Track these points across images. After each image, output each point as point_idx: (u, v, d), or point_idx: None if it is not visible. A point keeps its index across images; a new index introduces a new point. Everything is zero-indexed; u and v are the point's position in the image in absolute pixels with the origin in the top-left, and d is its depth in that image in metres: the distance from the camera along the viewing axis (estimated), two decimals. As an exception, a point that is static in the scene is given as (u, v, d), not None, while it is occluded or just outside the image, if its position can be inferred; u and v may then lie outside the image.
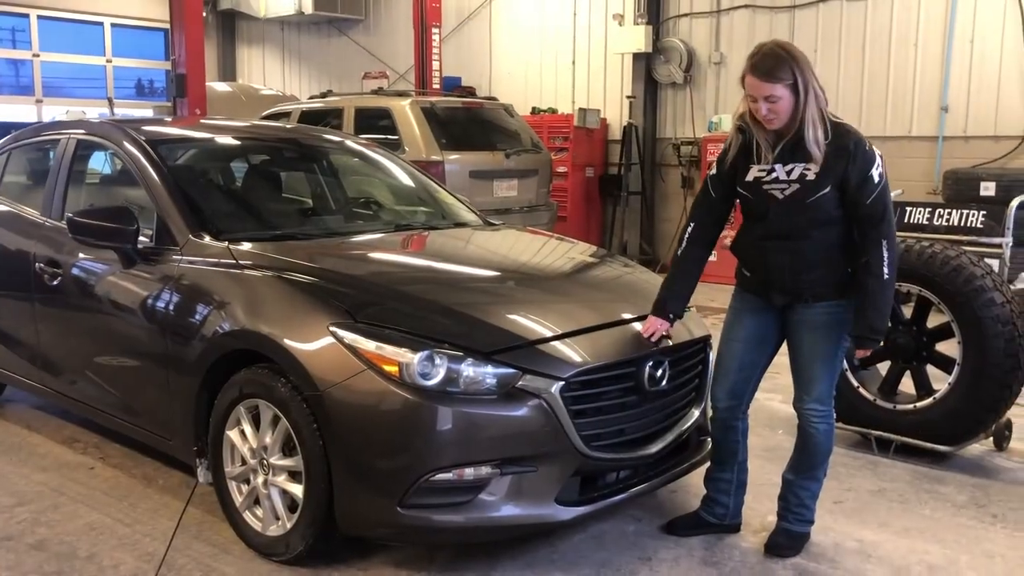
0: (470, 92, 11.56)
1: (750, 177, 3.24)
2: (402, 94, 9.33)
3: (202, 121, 5.17)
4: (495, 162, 8.87)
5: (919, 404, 4.43)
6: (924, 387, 4.50)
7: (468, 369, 3.00)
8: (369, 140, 7.70)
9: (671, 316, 3.37)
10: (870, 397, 4.57)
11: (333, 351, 3.05)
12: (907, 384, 4.61)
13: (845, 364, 4.61)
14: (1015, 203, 4.61)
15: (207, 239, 3.68)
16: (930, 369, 4.52)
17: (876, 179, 3.10)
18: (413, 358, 2.96)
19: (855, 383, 4.61)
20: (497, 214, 8.84)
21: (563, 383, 3.05)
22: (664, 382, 3.36)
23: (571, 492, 3.14)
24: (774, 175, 3.18)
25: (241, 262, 3.50)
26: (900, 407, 4.50)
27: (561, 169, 10.99)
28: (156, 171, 3.97)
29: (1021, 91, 8.55)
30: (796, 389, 3.36)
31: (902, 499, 3.99)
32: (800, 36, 9.85)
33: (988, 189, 7.91)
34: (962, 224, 4.52)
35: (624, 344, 3.32)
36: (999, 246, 4.46)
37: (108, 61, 15.42)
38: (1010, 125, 8.63)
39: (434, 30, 11.73)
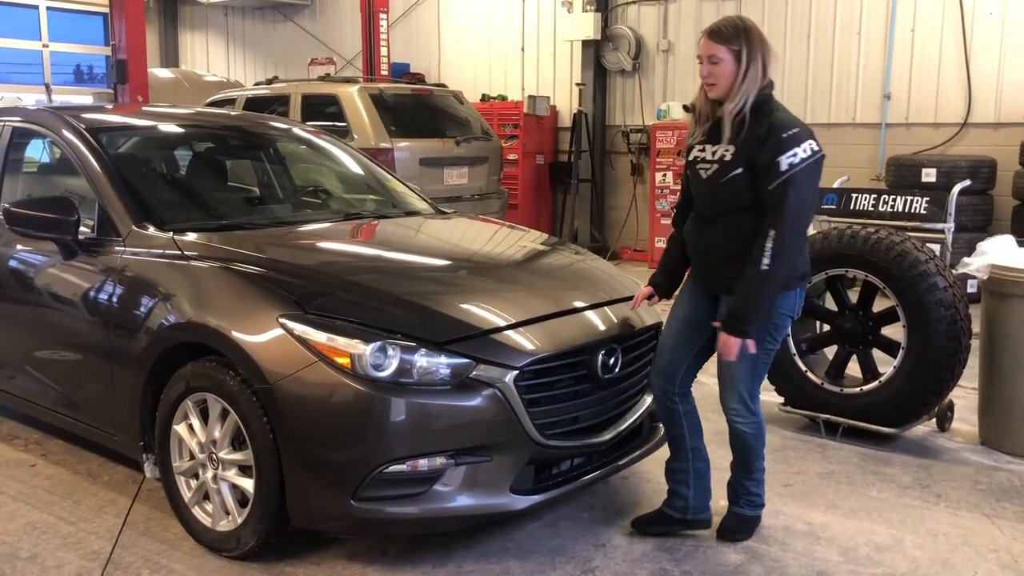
0: (419, 79, 11.47)
1: (691, 156, 3.28)
2: (350, 80, 9.22)
3: (144, 108, 5.04)
4: (445, 150, 8.82)
5: (865, 387, 4.51)
6: (870, 370, 4.58)
7: (421, 360, 2.97)
8: (317, 128, 7.60)
9: (655, 286, 3.49)
10: (818, 381, 4.65)
11: (283, 343, 3.00)
12: (854, 368, 4.70)
13: (793, 348, 4.71)
14: (956, 190, 4.71)
15: (151, 230, 3.60)
16: (876, 353, 4.60)
17: (783, 167, 2.98)
18: (365, 349, 2.92)
19: (803, 367, 4.68)
20: (448, 202, 8.82)
21: (517, 372, 3.04)
22: (617, 369, 3.37)
23: (526, 481, 3.14)
24: (703, 153, 3.21)
25: (187, 253, 3.43)
26: (847, 390, 4.58)
27: (511, 157, 10.96)
28: (97, 160, 3.86)
29: (960, 79, 8.74)
30: (719, 387, 3.34)
31: (850, 481, 4.06)
32: (747, 24, 9.93)
33: (929, 176, 8.07)
34: (906, 210, 4.60)
35: (577, 332, 3.32)
36: (942, 232, 4.54)
37: (44, 46, 14.96)
38: (950, 113, 8.82)
39: (382, 15, 11.60)
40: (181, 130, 4.59)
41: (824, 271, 4.59)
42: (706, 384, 3.95)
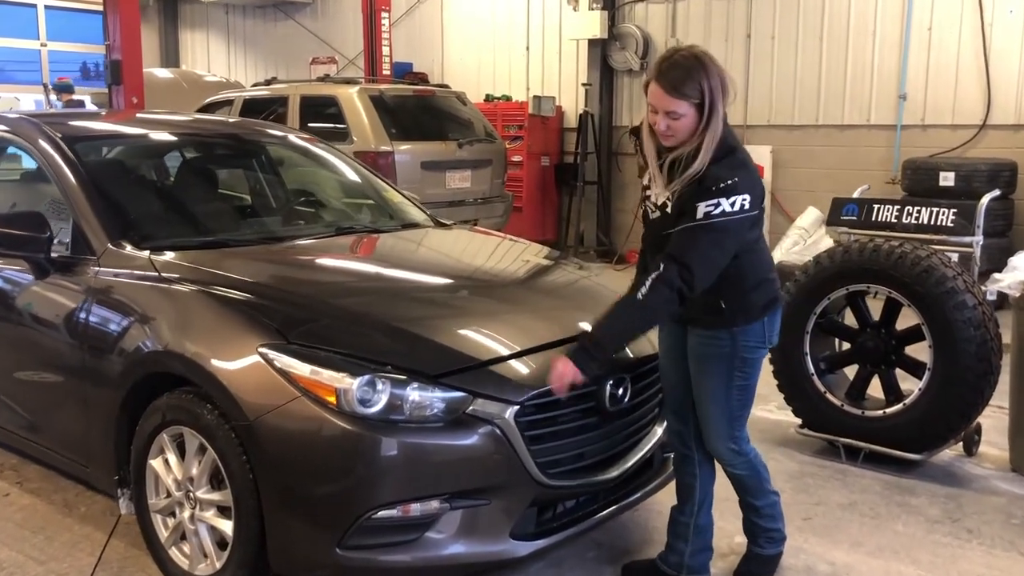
0: (422, 78, 11.24)
1: (644, 189, 2.99)
2: (350, 81, 8.99)
3: (129, 115, 4.80)
4: (447, 152, 8.57)
5: (888, 410, 4.26)
6: (893, 392, 4.33)
7: (413, 394, 2.72)
8: (311, 135, 7.37)
9: None
10: (837, 402, 4.40)
11: (263, 375, 2.76)
12: (876, 389, 4.44)
13: (811, 367, 4.45)
14: (985, 200, 4.45)
15: (128, 248, 3.36)
16: (899, 373, 4.35)
17: (700, 215, 2.67)
18: (352, 383, 2.68)
19: (821, 388, 4.43)
20: (450, 206, 8.61)
21: (517, 407, 2.79)
22: (626, 400, 3.12)
23: (527, 524, 2.89)
24: (649, 191, 2.94)
25: (164, 274, 3.19)
26: (869, 413, 4.33)
27: (516, 158, 10.73)
28: (73, 172, 3.63)
29: (979, 79, 8.46)
30: (702, 432, 3.07)
31: (873, 513, 3.81)
32: (757, 23, 9.69)
33: (947, 179, 7.80)
34: (932, 222, 4.34)
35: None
36: (969, 245, 4.28)
37: (43, 45, 14.76)
38: (968, 114, 8.54)
39: (383, 14, 11.37)
40: (165, 139, 4.35)
41: (845, 286, 4.34)
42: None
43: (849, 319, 4.54)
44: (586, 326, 3.11)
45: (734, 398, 2.97)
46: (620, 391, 3.08)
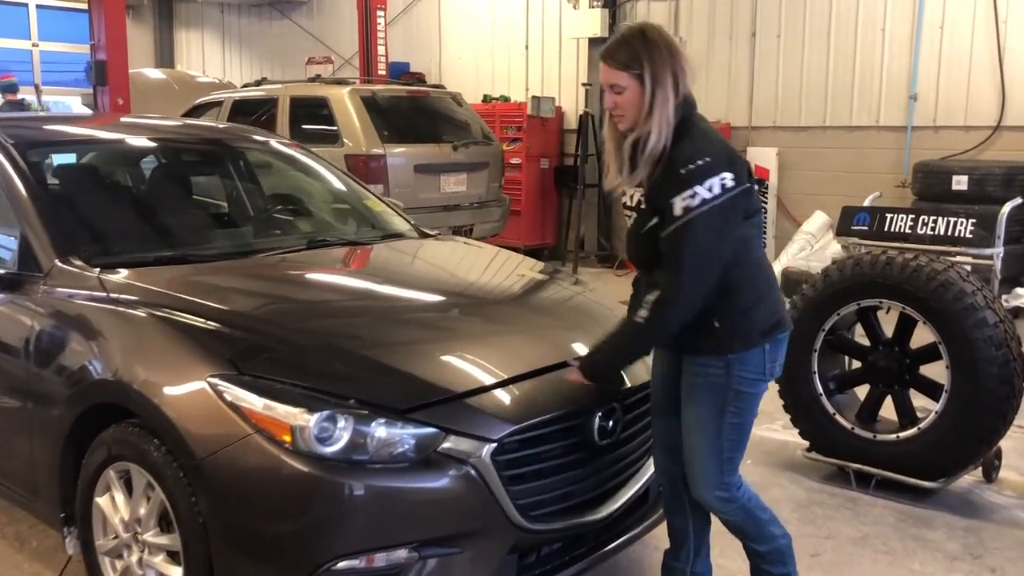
0: (419, 79, 10.97)
1: (609, 182, 2.77)
2: (341, 82, 8.72)
3: (94, 120, 4.53)
4: (442, 155, 8.30)
5: (902, 434, 3.98)
6: (907, 415, 4.05)
7: (379, 431, 2.45)
8: (297, 138, 7.10)
9: None
10: (847, 425, 4.12)
11: (213, 410, 2.49)
12: (888, 410, 4.16)
13: (819, 387, 4.18)
14: (1006, 209, 4.17)
15: (77, 265, 3.09)
16: (913, 395, 4.08)
17: (676, 210, 2.44)
18: (309, 420, 2.41)
19: (830, 409, 4.15)
20: (445, 211, 8.34)
21: (495, 445, 2.52)
22: (618, 433, 2.84)
23: (507, 572, 2.62)
24: (624, 197, 2.69)
25: (113, 295, 2.92)
26: (881, 437, 4.05)
27: (515, 161, 10.45)
28: (22, 181, 3.35)
29: (993, 79, 8.16)
30: (687, 475, 2.78)
31: (888, 549, 3.53)
32: (763, 20, 9.40)
33: (960, 183, 7.52)
34: (949, 233, 4.05)
35: (570, 391, 2.78)
36: (989, 257, 4.00)
37: (34, 45, 14.50)
38: (981, 115, 8.24)
39: (379, 13, 11.10)
40: (129, 145, 4.06)
41: (855, 301, 4.06)
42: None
43: (860, 336, 4.26)
44: (581, 349, 2.86)
45: (725, 437, 2.66)
46: (611, 423, 2.80)
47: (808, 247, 8.56)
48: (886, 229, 4.21)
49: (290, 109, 8.41)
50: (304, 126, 8.33)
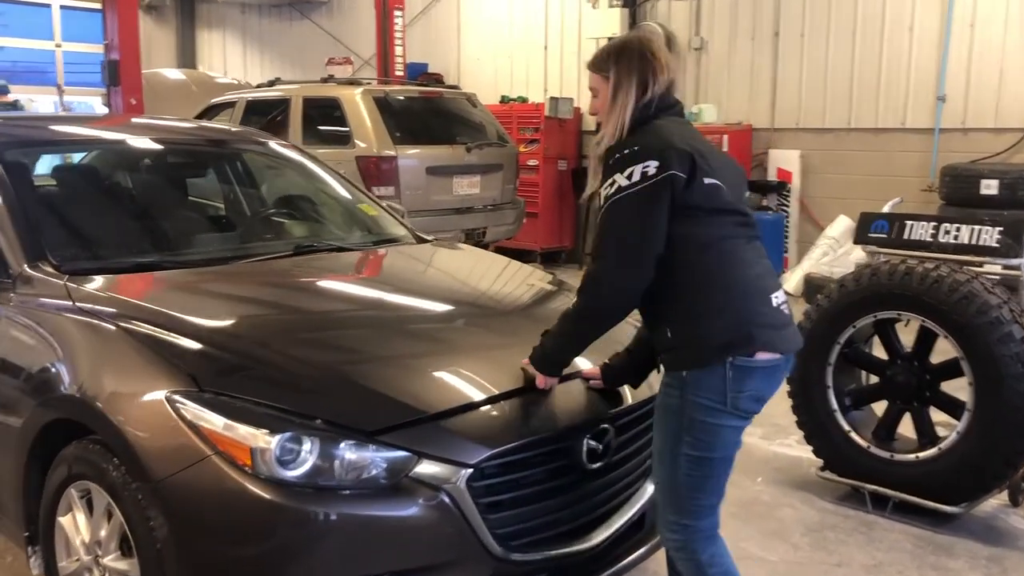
0: (437, 79, 10.83)
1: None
2: (354, 82, 8.59)
3: (83, 120, 4.42)
4: (455, 157, 8.14)
5: (921, 454, 3.77)
6: (927, 434, 3.83)
7: (347, 454, 2.29)
8: (302, 141, 6.95)
9: (604, 369, 2.78)
10: (863, 443, 3.91)
11: (171, 430, 2.33)
12: (907, 428, 3.94)
13: (834, 402, 3.97)
14: (1035, 216, 3.94)
15: (45, 271, 2.95)
16: (933, 412, 3.85)
17: (601, 200, 2.38)
18: (271, 441, 2.25)
19: (845, 426, 3.96)
20: (457, 213, 8.18)
21: (471, 470, 2.34)
22: (610, 455, 2.66)
23: (485, 607, 2.44)
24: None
25: (78, 304, 2.77)
26: (898, 457, 3.84)
27: (532, 163, 10.28)
28: (-5, 181, 3.23)
29: (1025, 80, 7.86)
30: None
31: (903, 579, 3.32)
32: (786, 19, 9.15)
33: (990, 187, 7.24)
34: (973, 241, 3.83)
35: (557, 411, 2.61)
36: (1017, 268, 3.77)
37: (57, 46, 14.54)
38: (1013, 117, 7.92)
39: (396, 13, 11.00)
40: (115, 145, 3.93)
41: (872, 313, 3.85)
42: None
43: (878, 349, 4.05)
44: (583, 364, 2.72)
45: (682, 471, 2.41)
46: (601, 444, 2.62)
47: (831, 252, 8.31)
48: (906, 237, 3.98)
49: (303, 110, 8.29)
50: (316, 127, 8.22)
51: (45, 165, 3.67)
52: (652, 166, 2.32)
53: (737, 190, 2.50)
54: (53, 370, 2.69)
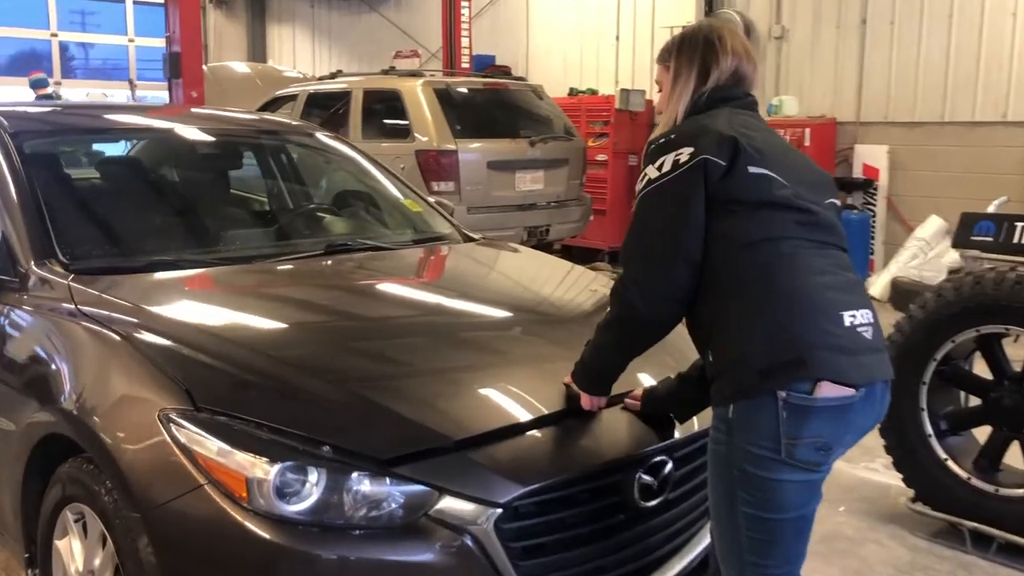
0: (505, 71, 10.52)
1: None
2: (415, 74, 8.33)
3: (110, 109, 4.21)
4: (518, 151, 7.81)
5: (1032, 489, 3.30)
6: (1039, 466, 3.36)
7: (358, 486, 1.98)
8: (362, 134, 6.70)
9: (648, 394, 2.45)
10: (962, 474, 3.46)
11: (163, 453, 2.05)
12: (1014, 457, 3.48)
13: (928, 427, 3.52)
14: None
15: (52, 270, 2.72)
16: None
17: (641, 184, 2.09)
18: (269, 471, 1.95)
19: (942, 453, 3.51)
20: (520, 210, 7.85)
21: (500, 511, 2.00)
22: (668, 491, 2.29)
23: (516, 668, 2.10)
24: None
25: (80, 308, 2.52)
26: (1004, 491, 3.38)
27: (600, 157, 9.89)
28: (11, 173, 3.01)
29: None
30: None
31: (1011, 636, 2.87)
32: (874, 6, 8.57)
33: (1103, 186, 6.60)
34: (1095, 247, 3.34)
35: (605, 439, 2.26)
36: None
37: (130, 40, 14.70)
38: None
39: (463, 5, 10.75)
40: (142, 135, 3.71)
41: (975, 327, 3.39)
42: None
43: (980, 367, 3.58)
44: (647, 380, 2.39)
45: (742, 531, 2.00)
46: (657, 480, 2.26)
47: (921, 255, 7.75)
48: (1016, 241, 3.51)
49: (363, 102, 8.08)
50: (377, 120, 8.00)
51: (73, 155, 3.45)
52: (686, 152, 2.01)
53: (804, 188, 2.06)
54: (47, 379, 2.46)
